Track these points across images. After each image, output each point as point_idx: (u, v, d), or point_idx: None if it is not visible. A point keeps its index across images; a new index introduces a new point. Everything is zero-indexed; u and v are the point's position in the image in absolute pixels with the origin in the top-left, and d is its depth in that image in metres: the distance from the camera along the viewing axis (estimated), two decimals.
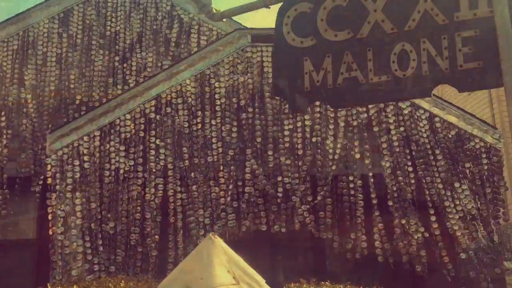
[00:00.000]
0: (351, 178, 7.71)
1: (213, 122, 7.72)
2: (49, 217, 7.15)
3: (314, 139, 7.79)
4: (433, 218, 7.66)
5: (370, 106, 7.93)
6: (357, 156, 7.77)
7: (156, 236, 7.17)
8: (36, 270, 7.29)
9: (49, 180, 7.33)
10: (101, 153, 7.43)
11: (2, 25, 8.78)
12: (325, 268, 8.54)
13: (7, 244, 8.40)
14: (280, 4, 3.11)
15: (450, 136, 8.03)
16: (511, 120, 2.32)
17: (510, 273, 8.09)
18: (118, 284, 5.67)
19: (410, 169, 7.80)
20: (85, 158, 7.37)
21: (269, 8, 3.19)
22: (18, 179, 8.11)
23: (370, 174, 7.77)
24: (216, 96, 7.86)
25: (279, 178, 7.56)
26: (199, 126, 7.69)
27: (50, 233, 7.05)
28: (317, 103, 7.39)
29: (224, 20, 3.31)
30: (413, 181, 7.77)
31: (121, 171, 7.35)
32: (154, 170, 7.41)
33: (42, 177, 8.10)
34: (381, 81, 2.77)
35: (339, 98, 2.92)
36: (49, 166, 7.33)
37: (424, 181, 7.79)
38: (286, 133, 7.78)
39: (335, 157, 7.74)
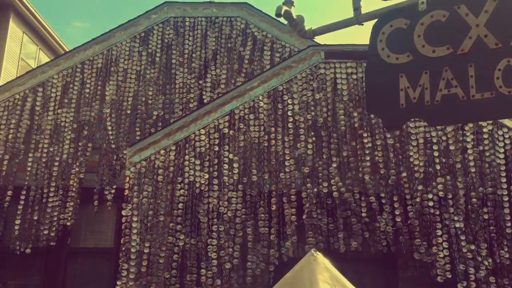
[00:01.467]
0: (430, 196, 7.44)
1: (286, 138, 7.75)
2: (124, 227, 7.44)
3: (395, 158, 7.61)
4: (505, 245, 7.23)
5: None
6: (440, 176, 7.50)
7: (230, 249, 7.25)
8: (113, 279, 7.55)
9: (126, 192, 7.64)
10: (176, 167, 7.66)
11: (88, 44, 9.35)
12: None
13: (86, 252, 8.81)
14: (374, 21, 3.10)
15: None
16: None
17: None
18: None
19: (486, 191, 7.43)
20: (160, 171, 7.62)
21: (362, 25, 3.19)
22: (95, 190, 8.49)
23: (445, 194, 7.47)
24: (289, 112, 7.90)
25: (363, 198, 7.45)
26: (272, 142, 7.74)
27: (125, 243, 7.31)
28: None
29: (315, 37, 3.33)
30: (489, 203, 7.39)
31: (197, 184, 7.53)
32: (227, 184, 7.54)
33: (114, 187, 8.46)
34: (484, 98, 2.68)
35: (437, 115, 2.85)
36: (127, 178, 7.65)
37: (500, 205, 7.39)
38: (366, 151, 7.66)
39: (416, 176, 7.52)
